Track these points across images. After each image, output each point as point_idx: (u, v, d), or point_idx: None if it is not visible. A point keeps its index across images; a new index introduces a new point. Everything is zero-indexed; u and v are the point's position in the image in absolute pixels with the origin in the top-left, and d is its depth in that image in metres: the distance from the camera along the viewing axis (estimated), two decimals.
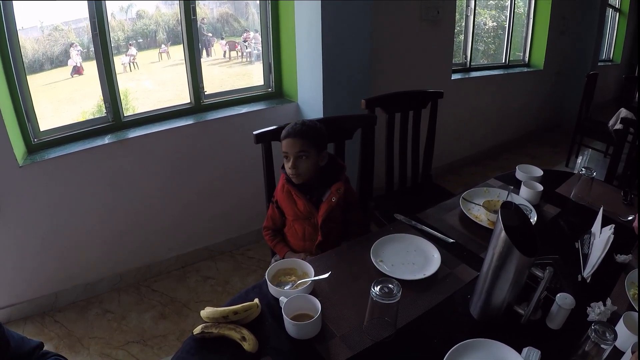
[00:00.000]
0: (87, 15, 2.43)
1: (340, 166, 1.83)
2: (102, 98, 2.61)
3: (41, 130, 2.46)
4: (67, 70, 2.55)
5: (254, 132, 1.88)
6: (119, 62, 2.63)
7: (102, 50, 2.49)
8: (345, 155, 2.12)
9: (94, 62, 2.53)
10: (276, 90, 3.24)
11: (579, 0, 5.57)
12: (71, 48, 2.55)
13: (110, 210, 2.63)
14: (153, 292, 2.75)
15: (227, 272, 2.94)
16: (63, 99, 2.65)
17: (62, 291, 2.61)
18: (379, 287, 1.16)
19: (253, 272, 2.93)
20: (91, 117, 2.66)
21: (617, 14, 7.64)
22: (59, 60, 2.50)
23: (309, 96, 2.98)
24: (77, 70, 2.62)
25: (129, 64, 2.81)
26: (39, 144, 2.45)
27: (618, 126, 3.88)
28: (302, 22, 2.83)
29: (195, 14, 2.72)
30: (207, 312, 1.26)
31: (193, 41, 2.77)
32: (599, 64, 6.43)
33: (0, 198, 2.26)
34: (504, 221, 1.18)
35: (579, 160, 5.04)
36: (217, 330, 1.21)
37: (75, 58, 2.57)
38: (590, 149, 5.13)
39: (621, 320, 1.17)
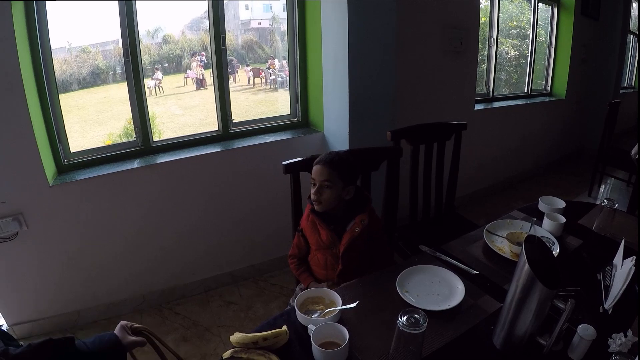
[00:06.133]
0: (114, 37, 2.50)
1: (366, 198, 1.86)
2: (128, 120, 2.68)
3: (71, 151, 2.53)
4: (95, 91, 2.62)
5: (283, 163, 1.93)
6: (145, 85, 2.69)
7: (134, 76, 2.56)
8: (371, 186, 2.16)
9: (121, 85, 2.59)
10: (302, 119, 3.27)
11: (600, 28, 5.58)
12: (192, 58, 2.80)
13: (136, 233, 2.68)
14: (176, 315, 2.78)
15: (250, 297, 2.95)
16: (90, 120, 2.72)
17: (84, 309, 2.66)
18: (405, 317, 1.18)
19: (275, 299, 2.93)
20: (117, 138, 2.73)
21: (638, 40, 7.58)
22: (86, 81, 2.57)
23: (335, 127, 2.98)
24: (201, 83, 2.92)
25: (155, 87, 2.89)
26: (69, 164, 2.52)
27: None
28: (328, 54, 2.88)
29: (225, 43, 2.78)
30: (237, 337, 1.29)
31: (222, 71, 2.83)
32: (621, 91, 6.38)
33: (30, 216, 2.33)
34: (527, 254, 1.20)
35: (601, 190, 4.97)
36: (246, 355, 1.24)
37: (196, 69, 2.82)
38: (613, 178, 5.07)
39: None
